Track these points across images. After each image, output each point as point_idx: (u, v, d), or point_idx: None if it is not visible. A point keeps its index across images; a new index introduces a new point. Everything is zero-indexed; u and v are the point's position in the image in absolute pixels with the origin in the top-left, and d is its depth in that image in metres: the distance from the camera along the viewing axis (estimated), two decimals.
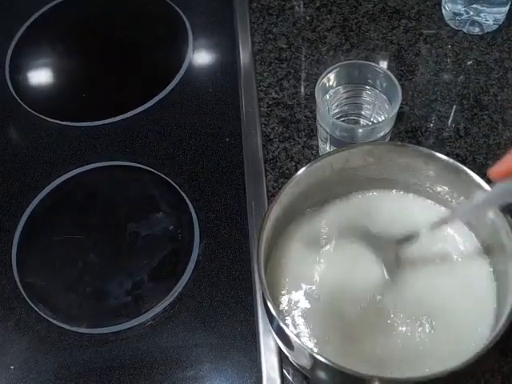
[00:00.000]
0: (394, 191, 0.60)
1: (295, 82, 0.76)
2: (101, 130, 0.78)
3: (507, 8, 0.76)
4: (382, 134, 0.61)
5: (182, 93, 0.81)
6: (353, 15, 0.81)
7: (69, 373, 0.62)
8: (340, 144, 0.62)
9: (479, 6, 0.75)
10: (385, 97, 0.63)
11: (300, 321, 0.54)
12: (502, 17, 0.76)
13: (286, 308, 0.55)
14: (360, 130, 0.62)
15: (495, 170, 0.48)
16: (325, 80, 0.62)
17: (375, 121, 0.65)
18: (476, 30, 0.77)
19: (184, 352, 0.62)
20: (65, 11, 0.92)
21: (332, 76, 0.63)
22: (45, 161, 0.77)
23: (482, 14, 0.75)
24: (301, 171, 0.55)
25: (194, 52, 0.85)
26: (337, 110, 0.66)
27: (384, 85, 0.62)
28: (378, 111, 0.65)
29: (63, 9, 0.92)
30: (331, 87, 0.63)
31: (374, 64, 0.63)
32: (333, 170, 0.57)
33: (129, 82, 0.84)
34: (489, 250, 0.56)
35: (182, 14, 0.89)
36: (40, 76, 0.87)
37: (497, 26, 0.77)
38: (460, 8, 0.76)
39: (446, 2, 0.77)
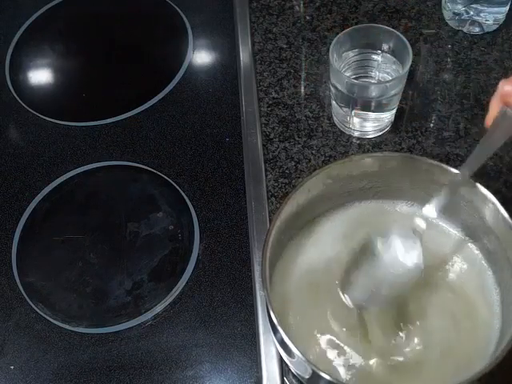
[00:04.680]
0: (400, 202, 0.60)
1: (295, 82, 0.76)
2: (101, 129, 0.79)
3: (507, 8, 0.76)
4: (393, 92, 0.65)
5: (182, 93, 0.81)
6: (353, 15, 0.81)
7: (69, 373, 0.62)
8: (353, 103, 0.66)
9: (479, 6, 0.75)
10: (395, 59, 0.67)
11: (301, 328, 0.54)
12: (502, 17, 0.76)
13: (291, 321, 0.54)
14: (374, 87, 0.66)
15: (488, 123, 0.52)
16: (338, 43, 0.66)
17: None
18: (476, 30, 0.77)
19: (184, 352, 0.62)
20: (65, 11, 0.92)
21: (344, 39, 0.66)
22: (45, 161, 0.77)
23: (482, 14, 0.75)
24: (308, 181, 0.55)
25: (194, 52, 0.85)
26: (349, 73, 0.69)
27: (394, 47, 0.66)
28: (390, 72, 0.69)
29: (63, 9, 0.92)
30: (343, 50, 0.67)
31: (384, 26, 0.66)
32: (337, 179, 0.57)
33: (129, 82, 0.84)
34: (494, 266, 0.55)
35: (182, 14, 0.89)
36: (40, 76, 0.88)
37: (497, 26, 0.77)
38: (460, 8, 0.76)
39: (446, 2, 0.77)
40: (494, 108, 0.51)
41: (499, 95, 0.50)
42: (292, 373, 0.57)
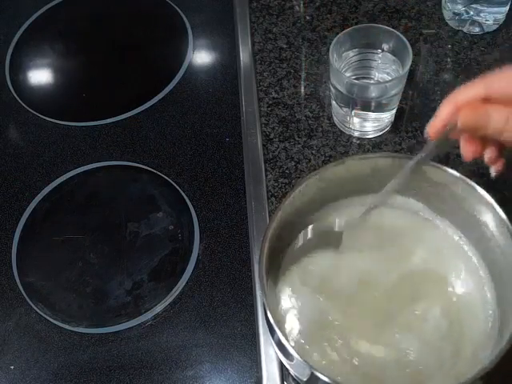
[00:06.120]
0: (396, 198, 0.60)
1: (295, 82, 0.76)
2: (101, 129, 0.79)
3: (507, 8, 0.76)
4: (393, 92, 0.65)
5: (182, 93, 0.81)
6: (353, 15, 0.81)
7: (69, 373, 0.62)
8: (353, 103, 0.66)
9: (479, 6, 0.75)
10: (395, 58, 0.67)
11: (300, 332, 0.54)
12: (502, 17, 0.76)
13: (288, 320, 0.54)
14: (374, 87, 0.66)
15: (432, 128, 0.48)
16: (338, 43, 0.66)
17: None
18: (476, 30, 0.77)
19: (184, 352, 0.62)
20: (65, 11, 0.92)
21: (344, 39, 0.66)
22: (45, 161, 0.77)
23: (481, 14, 0.75)
24: (303, 184, 0.55)
25: (194, 52, 0.85)
26: (349, 74, 0.69)
27: (394, 47, 0.67)
28: (390, 72, 0.69)
29: (63, 9, 0.92)
30: (343, 50, 0.67)
31: (384, 26, 0.66)
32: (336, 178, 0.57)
33: (129, 82, 0.84)
34: (495, 277, 0.55)
35: (182, 14, 0.89)
36: (40, 76, 0.88)
37: (497, 26, 0.77)
38: (460, 8, 0.76)
39: (446, 2, 0.77)
40: (445, 115, 0.47)
41: (454, 103, 0.47)
42: (291, 375, 0.57)
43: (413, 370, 0.51)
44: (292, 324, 0.54)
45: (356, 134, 0.71)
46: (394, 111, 0.69)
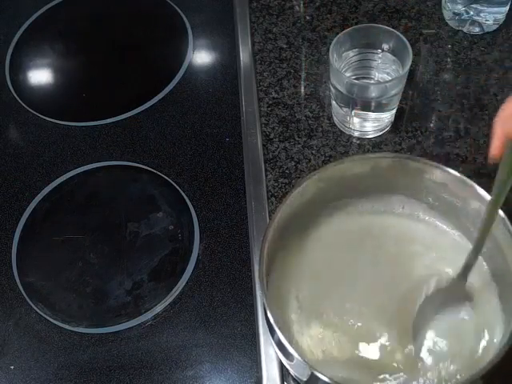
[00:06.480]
0: (393, 202, 0.60)
1: (295, 82, 0.76)
2: (101, 129, 0.79)
3: (507, 8, 0.76)
4: (393, 92, 0.65)
5: (182, 93, 0.81)
6: (353, 15, 0.81)
7: (69, 373, 0.62)
8: (353, 103, 0.66)
9: (479, 6, 0.75)
10: (395, 58, 0.67)
11: (301, 333, 0.54)
12: (502, 17, 0.76)
13: (290, 319, 0.54)
14: (374, 87, 0.66)
15: (493, 152, 0.48)
16: (338, 43, 0.66)
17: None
18: (476, 30, 0.77)
19: (184, 352, 0.62)
20: (65, 11, 0.92)
21: (344, 39, 0.66)
22: (45, 161, 0.77)
23: (482, 14, 0.75)
24: (303, 185, 0.55)
25: (194, 52, 0.85)
26: (349, 74, 0.69)
27: (394, 47, 0.67)
28: (390, 72, 0.69)
29: (63, 9, 0.92)
30: (343, 50, 0.67)
31: (384, 26, 0.67)
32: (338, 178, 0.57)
33: (129, 82, 0.84)
34: (496, 276, 0.55)
35: (182, 14, 0.89)
36: (40, 76, 0.88)
37: (497, 26, 0.77)
38: (460, 8, 0.76)
39: (446, 2, 0.77)
40: (498, 133, 0.47)
41: (502, 119, 0.47)
42: (291, 375, 0.57)
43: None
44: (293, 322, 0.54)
45: (356, 133, 0.71)
46: (394, 111, 0.69)
